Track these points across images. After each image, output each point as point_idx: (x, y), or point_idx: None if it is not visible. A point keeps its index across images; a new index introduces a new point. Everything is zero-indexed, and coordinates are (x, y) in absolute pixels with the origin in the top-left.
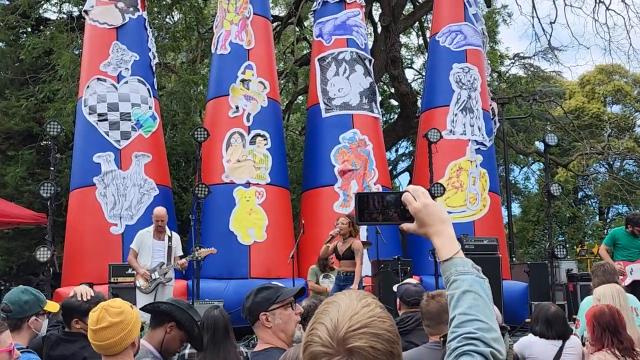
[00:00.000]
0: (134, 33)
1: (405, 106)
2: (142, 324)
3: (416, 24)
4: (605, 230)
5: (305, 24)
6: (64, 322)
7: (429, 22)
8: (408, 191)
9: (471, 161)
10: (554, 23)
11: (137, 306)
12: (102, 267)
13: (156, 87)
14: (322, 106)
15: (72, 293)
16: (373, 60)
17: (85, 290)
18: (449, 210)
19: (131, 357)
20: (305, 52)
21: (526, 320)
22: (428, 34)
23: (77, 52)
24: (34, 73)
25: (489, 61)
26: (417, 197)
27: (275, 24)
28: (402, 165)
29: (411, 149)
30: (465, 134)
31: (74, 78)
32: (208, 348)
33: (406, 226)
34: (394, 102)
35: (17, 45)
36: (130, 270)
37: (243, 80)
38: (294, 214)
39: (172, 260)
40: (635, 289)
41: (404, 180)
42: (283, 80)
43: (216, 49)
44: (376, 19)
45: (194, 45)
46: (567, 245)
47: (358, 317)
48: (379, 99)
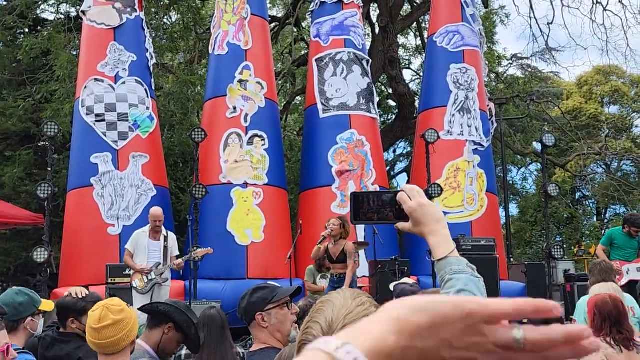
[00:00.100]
0: (132, 33)
1: (403, 107)
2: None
3: (414, 24)
4: (603, 231)
5: (304, 24)
6: (59, 323)
7: (427, 23)
8: (403, 190)
9: (469, 162)
10: (551, 24)
11: (134, 307)
12: (100, 268)
13: (154, 88)
14: (320, 107)
15: (67, 293)
16: (371, 60)
17: (79, 289)
18: (447, 211)
19: (128, 357)
20: (303, 53)
21: (524, 320)
22: (426, 35)
23: (75, 53)
24: (32, 74)
25: (487, 62)
26: (412, 197)
27: (273, 25)
28: (400, 165)
29: (409, 149)
30: (462, 135)
31: (72, 79)
32: (205, 346)
33: (401, 225)
34: (391, 103)
35: (15, 45)
36: (127, 271)
37: (241, 81)
38: (292, 215)
39: (169, 261)
40: (631, 288)
41: (402, 181)
42: (281, 81)
43: (214, 49)
44: (374, 19)
45: (191, 45)
46: (565, 246)
47: (352, 316)
48: (377, 99)
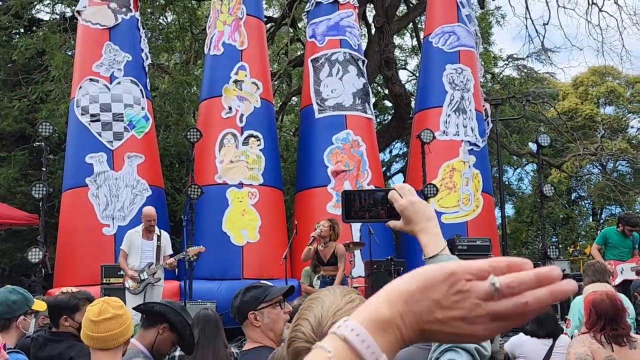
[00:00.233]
0: (127, 34)
1: (399, 107)
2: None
3: (410, 25)
4: (598, 231)
5: (300, 25)
6: (51, 322)
7: (423, 24)
8: (394, 189)
9: (464, 162)
10: (547, 24)
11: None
12: (95, 268)
13: (149, 88)
14: (315, 107)
15: (58, 293)
16: (366, 61)
17: (70, 289)
18: (442, 211)
19: (120, 357)
20: (299, 53)
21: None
22: (421, 35)
23: (70, 53)
24: (27, 74)
25: (483, 62)
26: (404, 195)
27: (269, 25)
28: (396, 166)
29: (405, 150)
30: (458, 135)
31: (67, 79)
32: (198, 344)
33: (392, 223)
34: (387, 103)
35: (10, 46)
36: (122, 272)
37: (236, 81)
38: (287, 215)
39: (162, 260)
40: (625, 288)
41: (398, 181)
42: (277, 81)
43: (209, 49)
44: (370, 20)
45: (187, 46)
46: (561, 246)
47: (342, 313)
48: (373, 100)
